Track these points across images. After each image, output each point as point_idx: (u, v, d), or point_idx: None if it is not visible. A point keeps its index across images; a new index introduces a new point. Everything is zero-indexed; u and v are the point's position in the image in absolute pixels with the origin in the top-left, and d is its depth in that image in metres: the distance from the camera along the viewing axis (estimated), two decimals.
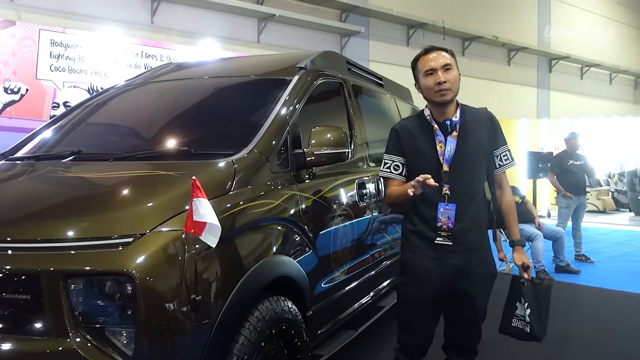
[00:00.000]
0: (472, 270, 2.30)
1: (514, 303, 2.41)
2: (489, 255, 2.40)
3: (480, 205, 2.36)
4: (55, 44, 6.58)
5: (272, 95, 2.82)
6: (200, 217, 1.80)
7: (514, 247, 2.45)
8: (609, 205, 13.01)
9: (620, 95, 18.91)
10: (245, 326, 2.07)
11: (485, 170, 2.37)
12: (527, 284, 2.39)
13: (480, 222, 2.35)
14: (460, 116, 2.35)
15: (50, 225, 1.93)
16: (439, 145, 2.30)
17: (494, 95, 13.70)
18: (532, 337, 2.38)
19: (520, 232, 6.46)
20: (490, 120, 2.41)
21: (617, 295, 5.45)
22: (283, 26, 9.62)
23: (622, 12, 19.19)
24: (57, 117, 3.30)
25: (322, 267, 2.79)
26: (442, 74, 2.29)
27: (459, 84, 2.35)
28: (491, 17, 13.64)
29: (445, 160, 2.29)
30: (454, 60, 2.36)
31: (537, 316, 2.36)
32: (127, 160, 2.48)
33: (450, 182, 2.27)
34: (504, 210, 2.45)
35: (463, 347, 2.42)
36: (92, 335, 1.77)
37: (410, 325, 2.40)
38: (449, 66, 2.31)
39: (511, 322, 2.41)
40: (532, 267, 6.07)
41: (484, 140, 2.35)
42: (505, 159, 2.41)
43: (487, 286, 2.39)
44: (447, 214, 2.27)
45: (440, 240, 2.29)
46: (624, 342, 4.01)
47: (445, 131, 2.31)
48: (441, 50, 2.35)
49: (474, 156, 2.32)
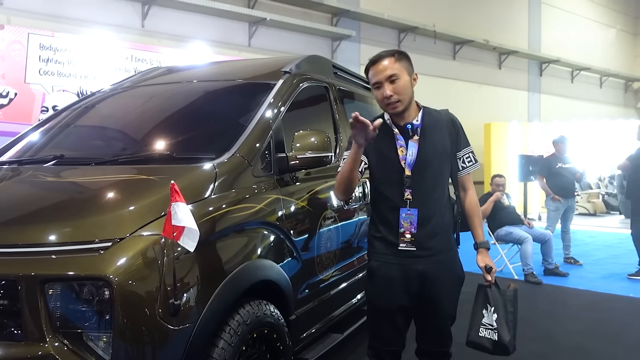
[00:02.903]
0: (438, 275, 2.27)
1: (480, 310, 2.35)
2: (455, 259, 2.37)
3: (445, 208, 2.32)
4: (44, 47, 6.57)
5: (256, 100, 2.83)
6: (178, 222, 1.80)
7: (478, 250, 2.40)
8: (599, 208, 13.09)
9: (611, 99, 19.04)
10: (225, 330, 2.08)
11: (449, 173, 2.34)
12: (492, 289, 2.35)
13: (445, 225, 2.32)
14: (422, 119, 2.30)
15: (30, 230, 1.93)
16: (400, 150, 2.27)
17: (485, 99, 13.78)
18: (499, 347, 2.29)
19: (510, 235, 6.51)
20: (452, 122, 2.36)
21: (605, 297, 5.48)
22: (274, 30, 9.63)
23: (612, 16, 19.35)
24: (43, 121, 3.30)
25: (306, 271, 2.79)
26: (387, 87, 2.21)
27: (411, 89, 2.26)
28: (482, 21, 13.72)
29: (407, 165, 2.25)
30: (403, 64, 2.24)
31: (504, 322, 2.30)
32: (108, 165, 2.48)
33: (412, 186, 2.24)
34: (467, 213, 2.40)
35: (435, 351, 2.40)
36: (69, 340, 1.77)
37: (380, 332, 2.38)
38: (395, 76, 2.21)
39: (478, 332, 2.33)
40: (508, 268, 6.11)
41: (446, 143, 2.31)
42: (468, 161, 2.36)
43: (454, 290, 2.36)
44: (410, 219, 2.24)
45: (404, 246, 2.25)
46: (609, 344, 4.04)
47: (407, 135, 2.28)
48: (389, 57, 2.24)
49: (436, 159, 2.28)
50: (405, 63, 2.27)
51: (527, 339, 4.11)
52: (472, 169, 2.38)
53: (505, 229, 6.27)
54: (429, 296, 2.29)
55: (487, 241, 2.42)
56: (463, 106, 13.00)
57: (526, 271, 6.08)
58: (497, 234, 6.34)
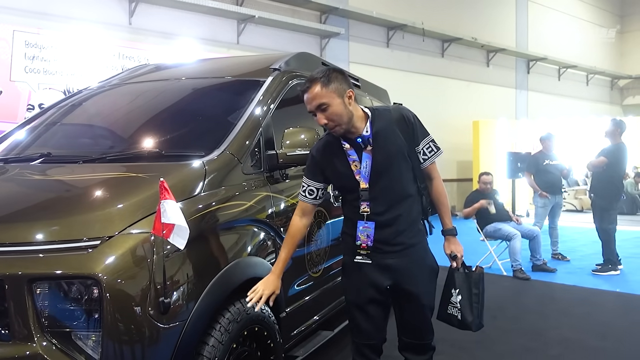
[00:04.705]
0: (409, 269, 2.28)
1: (449, 290, 2.44)
2: (426, 251, 2.38)
3: (413, 204, 2.31)
4: (29, 45, 6.49)
5: (245, 97, 2.82)
6: (167, 219, 1.80)
7: (445, 237, 2.43)
8: (586, 204, 13.17)
9: (597, 96, 19.23)
10: (216, 328, 2.07)
11: (411, 170, 2.31)
12: (459, 273, 2.42)
13: (413, 219, 2.31)
14: (371, 127, 2.24)
15: (17, 228, 1.91)
16: (354, 165, 2.24)
17: (473, 96, 13.85)
18: (463, 324, 2.41)
19: (498, 231, 6.54)
20: (404, 118, 2.29)
21: (592, 292, 5.54)
22: (263, 27, 9.61)
23: (598, 14, 19.53)
24: (30, 118, 3.26)
25: (296, 268, 2.79)
26: (320, 116, 2.15)
27: (347, 109, 2.16)
28: (470, 19, 13.78)
29: (363, 178, 2.23)
30: (332, 88, 2.13)
31: (468, 304, 2.40)
32: (96, 163, 2.45)
33: (371, 198, 2.23)
34: (434, 201, 2.40)
35: (417, 344, 2.42)
36: (58, 340, 1.76)
37: (357, 326, 2.39)
38: (324, 105, 2.12)
39: (446, 309, 2.44)
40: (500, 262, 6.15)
41: (401, 144, 2.26)
42: (429, 151, 2.32)
43: (428, 282, 2.36)
44: (366, 232, 2.25)
45: (360, 258, 2.28)
46: (597, 338, 4.08)
47: (359, 148, 2.23)
48: (316, 84, 2.13)
49: (394, 164, 2.25)
50: (335, 85, 2.15)
51: (516, 334, 4.15)
52: (435, 158, 2.35)
53: (493, 225, 6.32)
54: (403, 290, 2.31)
55: (454, 227, 2.43)
56: (451, 103, 13.09)
57: (515, 267, 6.13)
58: (485, 230, 6.38)
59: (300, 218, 2.37)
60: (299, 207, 2.38)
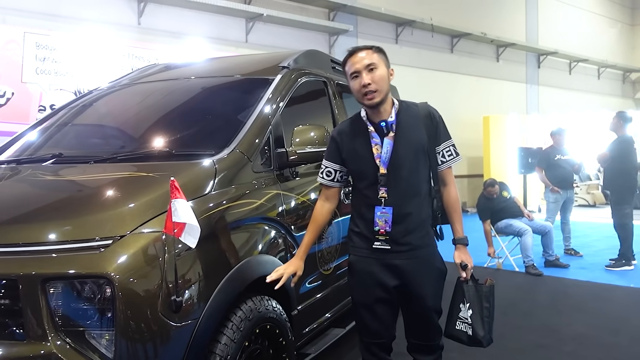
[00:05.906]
0: (416, 270, 2.26)
1: (457, 305, 2.36)
2: (434, 253, 2.35)
3: (423, 204, 2.30)
4: (40, 46, 6.54)
5: (255, 95, 2.82)
6: (179, 218, 1.80)
7: (456, 246, 2.38)
8: (598, 199, 13.09)
9: (609, 90, 19.02)
10: (228, 326, 2.08)
11: (427, 168, 2.30)
12: (469, 285, 2.35)
13: (423, 221, 2.29)
14: (397, 115, 2.26)
15: (30, 229, 1.92)
16: (375, 148, 2.24)
17: (483, 92, 13.76)
18: (474, 340, 2.32)
19: (509, 227, 6.51)
20: (430, 115, 2.31)
21: (605, 288, 5.49)
22: (271, 26, 9.61)
23: (609, 7, 19.31)
24: (41, 120, 3.29)
25: (308, 266, 2.77)
26: (365, 76, 2.18)
27: (388, 82, 2.23)
28: (479, 14, 13.68)
29: (382, 163, 2.22)
30: (381, 57, 2.23)
31: (479, 318, 2.31)
32: (107, 163, 2.47)
33: (388, 184, 2.22)
34: (446, 208, 2.37)
35: (424, 345, 2.40)
36: (72, 339, 1.77)
37: (365, 325, 2.37)
38: (373, 66, 2.18)
39: (455, 325, 2.36)
40: (525, 261, 6.12)
41: (422, 139, 2.26)
42: (449, 155, 2.32)
43: (436, 284, 2.33)
44: (384, 217, 2.23)
45: (379, 244, 2.25)
46: (611, 334, 4.05)
47: (382, 132, 2.23)
48: (367, 49, 2.23)
49: (412, 156, 2.25)
50: (383, 57, 2.25)
51: (528, 330, 4.13)
52: (453, 163, 2.34)
53: (505, 221, 6.28)
54: (410, 291, 2.28)
55: (466, 237, 2.39)
56: (461, 99, 13.01)
57: (527, 263, 6.09)
58: (497, 226, 6.35)
59: (324, 203, 2.40)
60: (322, 191, 2.42)
